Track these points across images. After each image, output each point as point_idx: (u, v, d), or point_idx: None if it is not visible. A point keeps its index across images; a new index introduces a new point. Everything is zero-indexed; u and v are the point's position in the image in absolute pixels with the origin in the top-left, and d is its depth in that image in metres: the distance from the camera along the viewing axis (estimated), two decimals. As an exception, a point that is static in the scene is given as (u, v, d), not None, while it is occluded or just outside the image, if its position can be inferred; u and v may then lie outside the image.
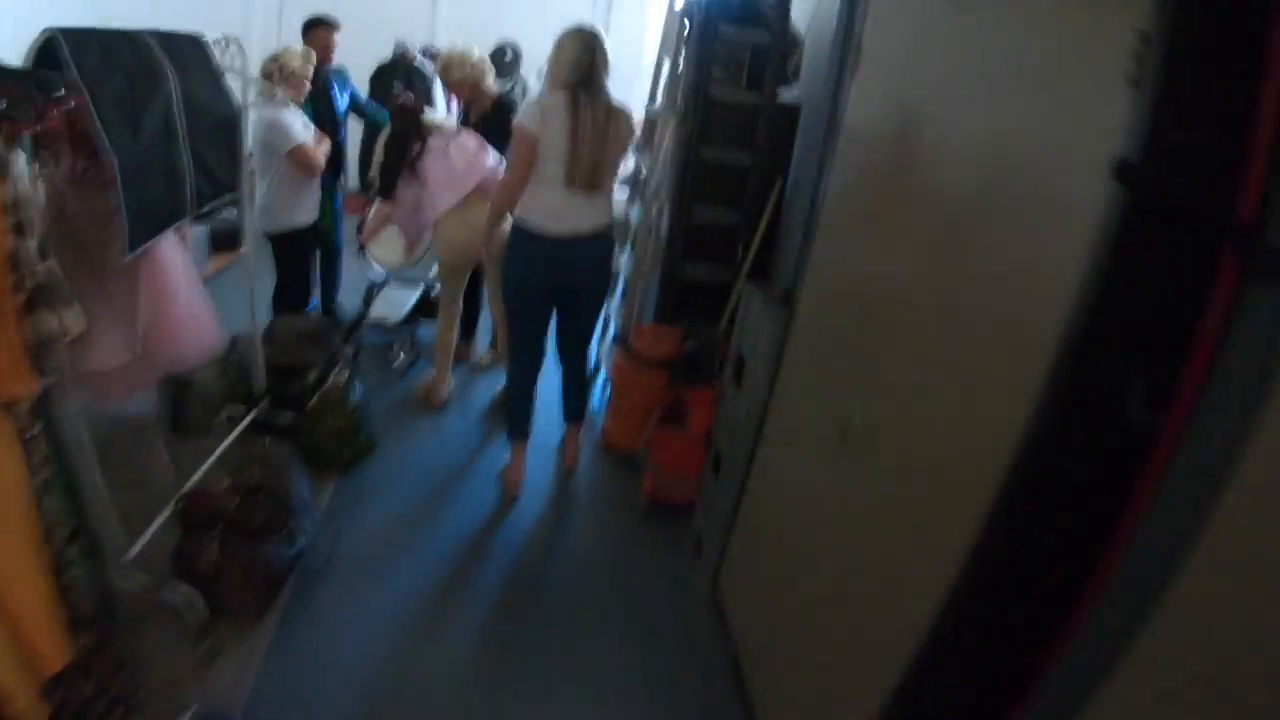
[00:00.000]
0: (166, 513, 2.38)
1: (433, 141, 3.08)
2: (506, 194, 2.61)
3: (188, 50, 2.02)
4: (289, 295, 3.52)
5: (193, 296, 2.11)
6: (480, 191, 3.10)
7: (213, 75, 2.16)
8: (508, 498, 2.93)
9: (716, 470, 2.49)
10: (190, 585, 2.12)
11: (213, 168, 2.10)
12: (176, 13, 2.41)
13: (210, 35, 2.49)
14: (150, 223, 1.84)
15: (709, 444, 2.66)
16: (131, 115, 1.73)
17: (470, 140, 3.14)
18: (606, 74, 2.55)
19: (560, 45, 2.52)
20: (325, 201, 3.75)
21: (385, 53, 5.31)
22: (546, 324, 2.86)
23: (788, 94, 3.25)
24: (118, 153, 1.67)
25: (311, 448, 2.92)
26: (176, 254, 2.05)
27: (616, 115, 2.57)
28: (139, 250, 1.82)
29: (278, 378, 3.09)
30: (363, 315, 3.85)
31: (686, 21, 3.18)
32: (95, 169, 1.72)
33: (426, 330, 3.78)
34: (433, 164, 3.07)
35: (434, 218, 3.10)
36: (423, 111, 3.12)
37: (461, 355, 3.87)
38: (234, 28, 4.17)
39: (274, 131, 3.15)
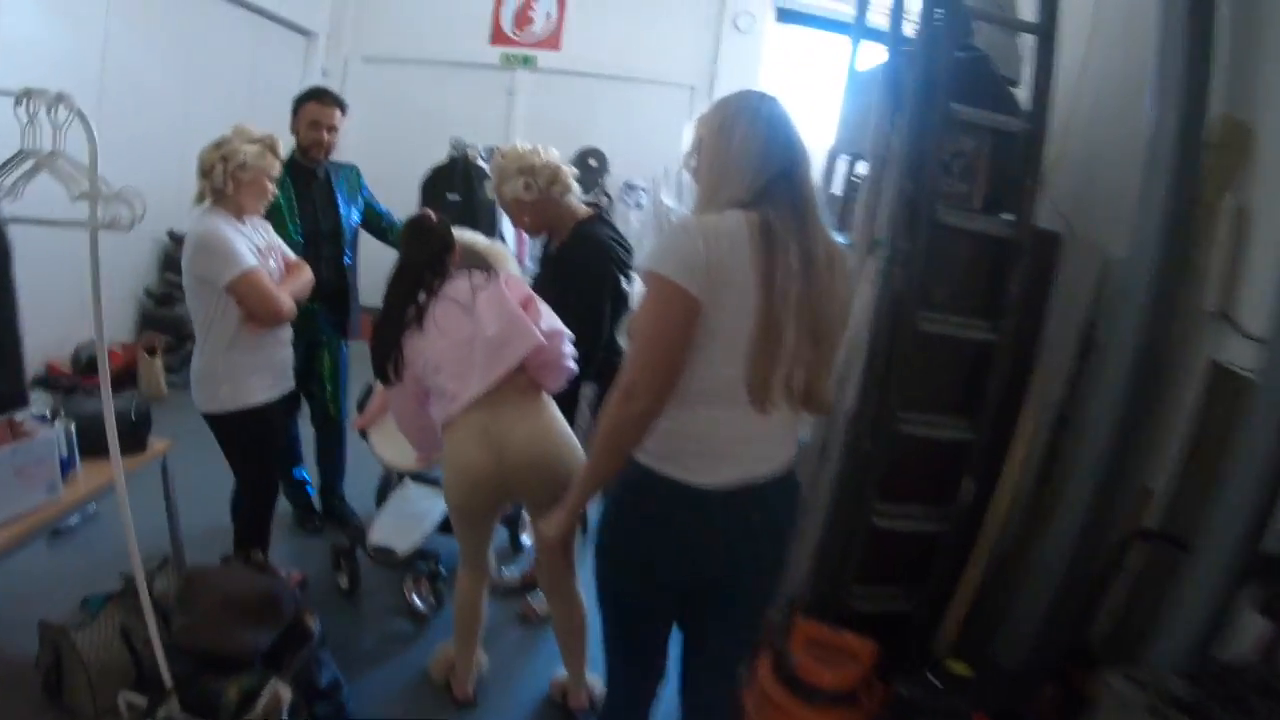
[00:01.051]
0: None
1: (453, 285, 1.82)
2: (633, 419, 1.23)
3: None
4: (252, 504, 2.31)
5: None
6: (523, 381, 1.79)
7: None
8: None
9: None
10: None
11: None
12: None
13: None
14: None
15: None
16: None
17: (511, 288, 1.84)
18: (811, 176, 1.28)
19: (724, 130, 1.26)
20: (324, 357, 2.63)
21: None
22: (670, 627, 1.51)
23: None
24: None
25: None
26: None
27: (839, 259, 1.30)
28: None
29: (191, 664, 1.87)
30: (360, 535, 2.51)
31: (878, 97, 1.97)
32: None
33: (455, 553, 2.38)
34: (445, 323, 1.79)
35: (445, 418, 1.80)
36: (450, 232, 1.89)
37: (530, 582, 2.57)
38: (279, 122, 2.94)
39: (202, 255, 1.98)
